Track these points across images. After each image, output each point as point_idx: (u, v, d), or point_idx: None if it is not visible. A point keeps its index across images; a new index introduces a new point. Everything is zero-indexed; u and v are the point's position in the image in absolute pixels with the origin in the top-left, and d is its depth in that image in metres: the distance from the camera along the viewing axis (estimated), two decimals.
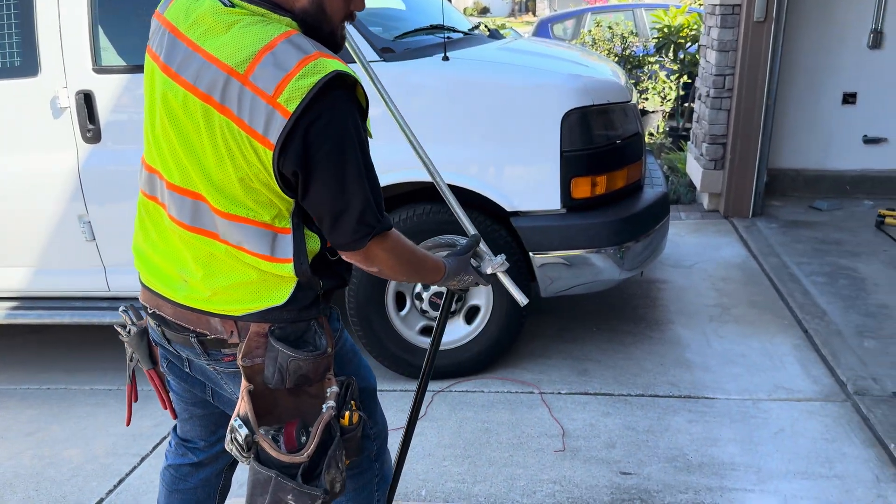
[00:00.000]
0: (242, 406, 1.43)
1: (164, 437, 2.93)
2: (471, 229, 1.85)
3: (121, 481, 2.68)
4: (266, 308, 1.43)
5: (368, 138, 1.38)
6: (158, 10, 1.44)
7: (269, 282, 1.42)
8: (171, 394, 1.74)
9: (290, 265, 1.39)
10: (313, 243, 1.43)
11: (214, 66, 1.28)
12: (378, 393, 1.77)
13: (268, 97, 1.24)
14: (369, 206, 1.35)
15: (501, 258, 1.79)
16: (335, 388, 1.46)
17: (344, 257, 1.44)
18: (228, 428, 1.44)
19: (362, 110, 1.35)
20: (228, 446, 1.45)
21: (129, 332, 1.66)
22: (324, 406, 1.44)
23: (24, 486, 2.69)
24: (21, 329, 3.94)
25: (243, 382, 1.44)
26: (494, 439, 2.79)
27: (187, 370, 1.60)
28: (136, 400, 1.73)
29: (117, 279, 3.22)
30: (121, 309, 1.69)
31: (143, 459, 2.81)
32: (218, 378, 1.55)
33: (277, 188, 1.33)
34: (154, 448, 2.87)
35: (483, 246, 1.79)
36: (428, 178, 2.91)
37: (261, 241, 1.38)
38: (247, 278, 1.42)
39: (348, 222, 1.35)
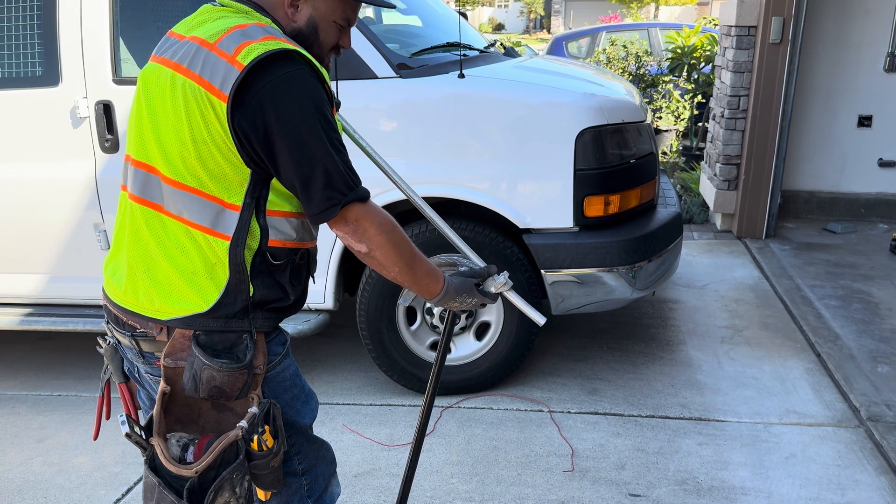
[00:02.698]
0: (156, 408, 1.41)
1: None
2: (479, 262, 1.81)
3: (129, 490, 2.69)
4: (190, 314, 1.41)
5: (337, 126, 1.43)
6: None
7: (199, 279, 1.40)
8: (140, 409, 1.68)
9: (227, 243, 1.38)
10: (255, 232, 1.41)
11: (190, 42, 1.39)
12: (387, 408, 1.75)
13: (227, 56, 1.33)
14: (337, 172, 1.36)
15: (504, 276, 1.73)
16: (254, 409, 1.41)
17: (333, 231, 1.43)
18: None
19: (326, 90, 1.40)
20: (127, 437, 1.43)
21: (107, 342, 1.62)
22: (237, 424, 1.40)
23: (33, 492, 2.70)
24: (34, 336, 3.97)
25: (161, 383, 1.42)
26: (503, 457, 2.78)
27: (137, 376, 1.59)
28: (107, 417, 1.66)
29: None
30: (105, 320, 1.65)
31: None
32: (155, 382, 1.52)
33: (234, 151, 1.34)
34: None
35: (482, 264, 1.76)
36: (440, 194, 2.95)
37: (203, 212, 1.39)
38: (179, 265, 1.40)
39: (316, 188, 1.36)
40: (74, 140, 3.07)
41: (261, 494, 1.52)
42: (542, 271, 2.98)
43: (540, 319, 1.76)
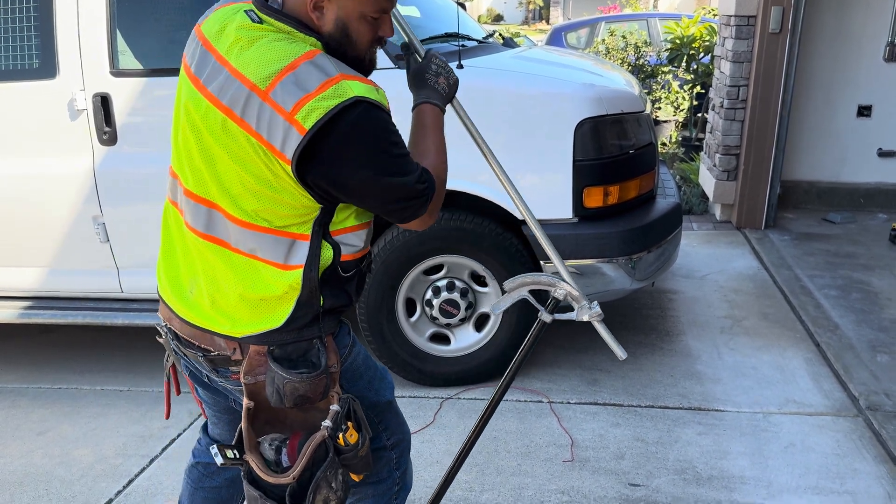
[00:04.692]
0: (243, 423, 1.45)
1: (174, 440, 2.94)
2: (569, 280, 1.77)
3: (130, 482, 2.70)
4: (264, 331, 1.43)
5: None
6: (198, 22, 1.48)
7: (269, 304, 1.42)
8: (200, 394, 1.75)
9: (300, 272, 1.39)
10: (327, 254, 1.43)
11: (238, 81, 1.31)
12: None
13: (286, 113, 1.27)
14: (409, 195, 1.38)
15: (597, 307, 1.73)
16: (336, 408, 1.45)
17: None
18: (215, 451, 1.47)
19: (387, 112, 1.36)
20: (218, 460, 1.47)
21: (168, 330, 1.65)
22: (322, 424, 1.44)
23: (34, 484, 2.70)
24: (34, 329, 3.97)
25: (245, 400, 1.45)
26: (503, 448, 2.79)
27: (207, 381, 1.62)
28: (178, 393, 1.73)
29: (130, 281, 3.24)
30: (165, 326, 1.70)
31: (152, 461, 2.82)
32: (235, 391, 1.56)
33: (306, 195, 1.34)
34: (163, 449, 2.88)
35: (578, 291, 1.74)
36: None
37: (276, 249, 1.39)
38: (245, 299, 1.42)
39: (399, 214, 1.41)
40: (72, 133, 3.06)
41: (354, 477, 1.57)
42: (542, 262, 2.98)
43: (622, 354, 1.77)
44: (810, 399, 3.04)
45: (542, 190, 2.94)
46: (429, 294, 3.11)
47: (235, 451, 1.48)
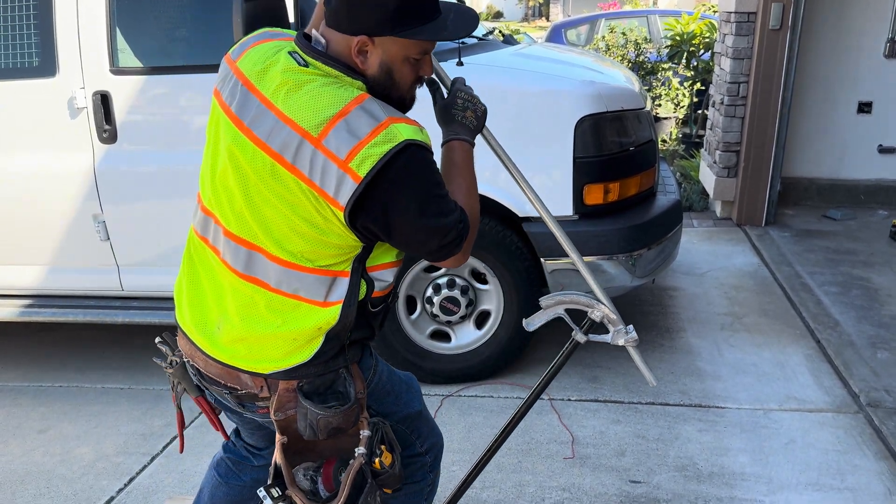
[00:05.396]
0: (277, 456, 1.46)
1: (175, 437, 2.94)
2: (606, 301, 1.80)
3: (131, 480, 2.70)
4: (292, 366, 1.43)
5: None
6: (231, 56, 1.45)
7: (299, 340, 1.43)
8: (229, 416, 1.74)
9: (338, 307, 1.40)
10: (362, 290, 1.45)
11: (288, 128, 1.30)
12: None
13: (340, 161, 1.27)
14: (449, 235, 1.38)
15: (632, 331, 1.73)
16: (367, 433, 1.47)
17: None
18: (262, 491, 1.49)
19: (430, 153, 1.38)
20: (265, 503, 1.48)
21: (170, 363, 1.66)
22: (356, 451, 1.45)
23: (35, 482, 2.71)
24: (34, 327, 3.97)
25: (277, 435, 1.47)
26: (504, 445, 2.78)
27: (231, 409, 1.62)
28: (185, 427, 1.76)
29: (130, 279, 3.25)
30: (157, 340, 1.69)
31: (153, 459, 2.82)
32: (263, 422, 1.58)
33: (353, 237, 1.36)
34: (164, 447, 2.89)
35: (615, 314, 1.75)
36: None
37: (318, 288, 1.40)
38: (279, 337, 1.42)
39: (437, 254, 1.41)
40: (72, 131, 3.06)
41: (386, 490, 1.58)
42: (542, 260, 2.98)
43: (652, 380, 1.79)
44: (811, 396, 3.05)
45: (543, 187, 2.93)
46: (429, 291, 3.11)
47: (278, 489, 1.49)
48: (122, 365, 3.57)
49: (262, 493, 1.48)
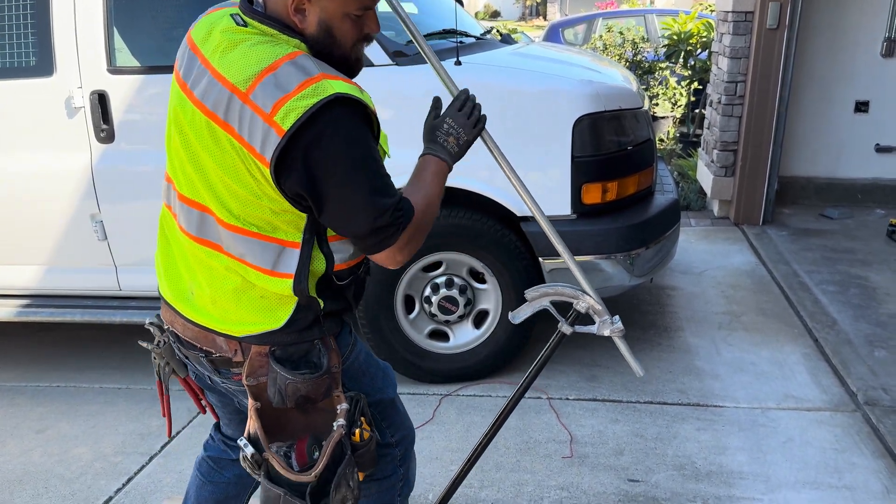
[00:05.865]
0: (252, 424, 1.45)
1: (173, 437, 2.94)
2: (592, 293, 1.76)
3: (129, 480, 2.70)
4: (264, 331, 1.43)
5: (382, 155, 1.39)
6: (190, 27, 1.47)
7: (270, 302, 1.42)
8: (209, 398, 1.75)
9: (290, 281, 1.38)
10: (319, 264, 1.42)
11: (220, 84, 1.30)
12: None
13: (265, 115, 1.25)
14: (381, 218, 1.33)
15: (618, 321, 1.72)
16: (344, 406, 1.46)
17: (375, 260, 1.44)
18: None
19: (370, 116, 1.34)
20: (242, 463, 1.47)
21: (158, 344, 1.66)
22: (334, 424, 1.44)
23: (33, 483, 2.70)
24: (32, 327, 3.96)
25: (250, 401, 1.46)
26: (502, 444, 2.79)
27: (210, 384, 1.62)
28: (165, 407, 1.75)
29: (128, 278, 3.24)
30: (147, 322, 1.70)
31: (151, 458, 2.82)
32: (237, 393, 1.57)
33: (286, 203, 1.33)
34: (163, 447, 2.88)
35: (601, 305, 1.73)
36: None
37: (264, 255, 1.38)
38: (246, 297, 1.42)
39: (369, 240, 1.36)
40: (70, 130, 3.05)
41: (359, 474, 1.58)
42: (540, 259, 2.98)
43: (640, 372, 1.79)
44: (808, 394, 3.05)
45: (541, 186, 2.93)
46: (427, 291, 3.11)
47: (253, 449, 1.49)
48: (120, 365, 3.57)
49: (243, 440, 1.47)
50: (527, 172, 2.93)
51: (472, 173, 2.89)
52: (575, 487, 2.54)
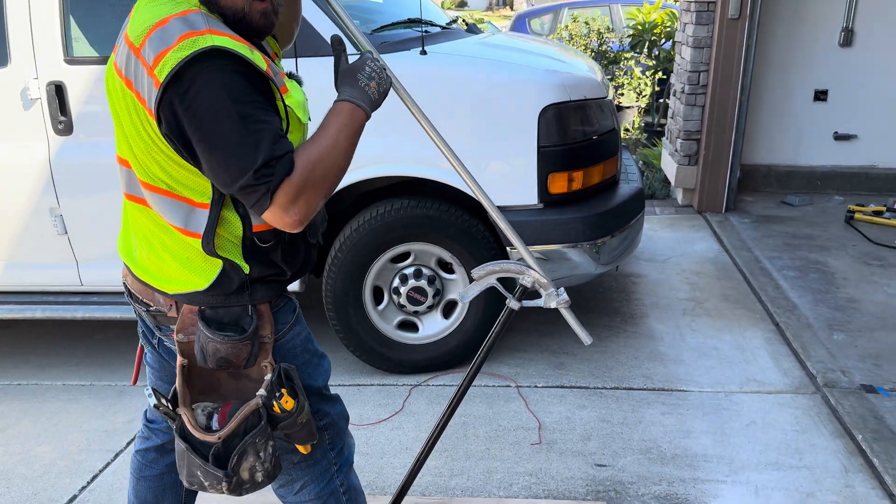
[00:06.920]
0: (178, 380, 1.48)
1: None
2: (534, 265, 1.74)
3: (94, 478, 2.66)
4: (191, 291, 1.45)
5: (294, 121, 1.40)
6: None
7: (196, 263, 1.43)
8: (147, 368, 1.76)
9: (199, 241, 1.40)
10: (233, 226, 1.41)
11: (125, 44, 1.35)
12: (356, 388, 1.77)
13: (148, 67, 1.28)
14: (246, 176, 1.26)
15: (563, 293, 1.73)
16: (268, 377, 1.47)
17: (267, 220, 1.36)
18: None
19: (250, 69, 1.29)
20: (157, 411, 1.52)
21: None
22: (257, 393, 1.46)
23: None
24: None
25: (178, 358, 1.48)
26: (471, 433, 2.81)
27: (156, 344, 1.64)
28: (140, 360, 1.78)
29: (90, 273, 3.18)
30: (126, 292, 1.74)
31: (116, 455, 2.78)
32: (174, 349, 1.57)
33: (181, 158, 1.34)
34: (128, 444, 2.84)
35: (545, 278, 1.73)
36: (405, 173, 2.94)
37: (177, 213, 1.40)
38: (173, 255, 1.45)
39: (244, 199, 1.31)
40: (26, 122, 2.97)
41: (301, 449, 1.59)
42: (508, 248, 3.00)
43: (587, 340, 1.80)
44: (770, 378, 3.12)
45: (507, 176, 2.95)
46: (396, 282, 3.11)
47: (169, 404, 1.51)
48: (83, 361, 3.50)
49: (147, 390, 1.49)
50: (493, 162, 2.96)
51: (439, 164, 2.90)
52: (543, 473, 2.57)
